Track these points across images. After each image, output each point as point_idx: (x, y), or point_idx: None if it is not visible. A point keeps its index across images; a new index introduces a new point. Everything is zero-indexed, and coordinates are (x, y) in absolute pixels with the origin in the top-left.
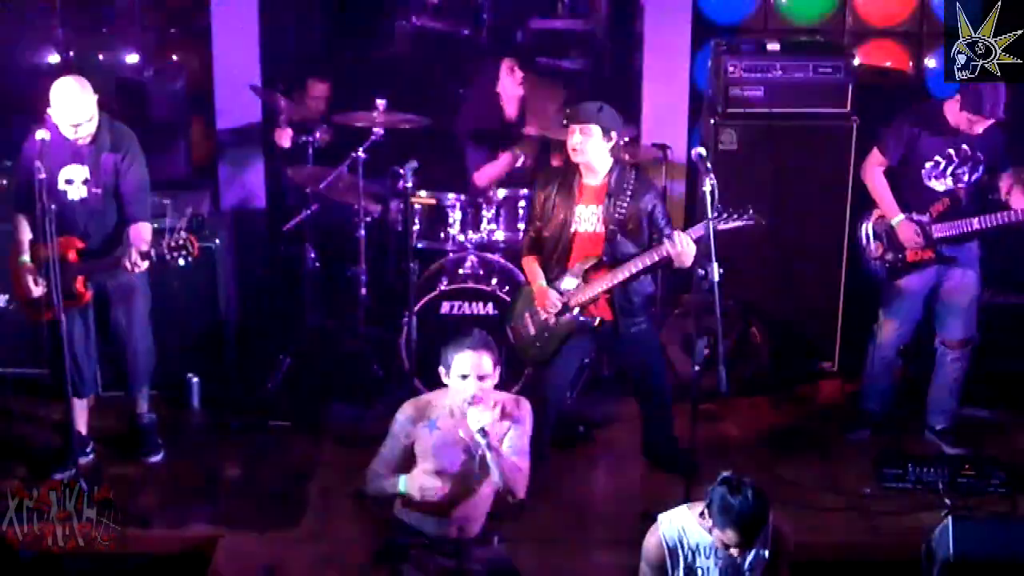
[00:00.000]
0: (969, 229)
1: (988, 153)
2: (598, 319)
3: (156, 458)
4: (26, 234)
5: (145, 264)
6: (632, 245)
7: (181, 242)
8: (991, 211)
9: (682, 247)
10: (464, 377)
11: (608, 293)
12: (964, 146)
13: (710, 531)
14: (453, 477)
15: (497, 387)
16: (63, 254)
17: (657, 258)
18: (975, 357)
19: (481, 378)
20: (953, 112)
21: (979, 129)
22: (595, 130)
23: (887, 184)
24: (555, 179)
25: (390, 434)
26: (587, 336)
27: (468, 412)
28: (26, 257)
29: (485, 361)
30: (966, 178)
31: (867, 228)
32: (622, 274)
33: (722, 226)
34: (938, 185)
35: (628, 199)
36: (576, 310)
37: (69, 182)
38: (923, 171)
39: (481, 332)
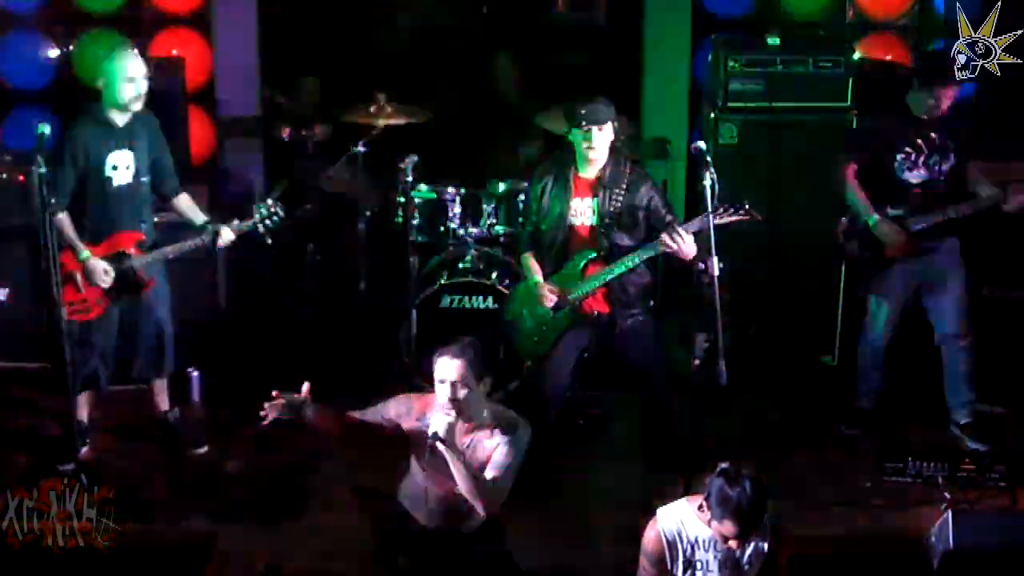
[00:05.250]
0: (944, 219)
1: (958, 139)
2: (596, 312)
3: (204, 449)
4: (73, 232)
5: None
6: (628, 238)
7: (272, 208)
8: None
9: (682, 242)
10: (442, 382)
11: (605, 286)
12: (933, 135)
13: (709, 523)
14: (441, 473)
15: (497, 386)
16: (124, 249)
17: (654, 253)
18: (987, 353)
19: (456, 384)
20: (917, 98)
21: (948, 103)
22: (609, 127)
23: (859, 186)
24: (550, 172)
25: (385, 403)
26: (585, 330)
27: (433, 416)
28: (86, 253)
29: (461, 368)
30: (939, 167)
31: (842, 230)
32: (619, 268)
33: (718, 220)
34: (912, 177)
35: (623, 191)
36: (573, 304)
37: (115, 168)
38: (895, 164)
39: (467, 340)
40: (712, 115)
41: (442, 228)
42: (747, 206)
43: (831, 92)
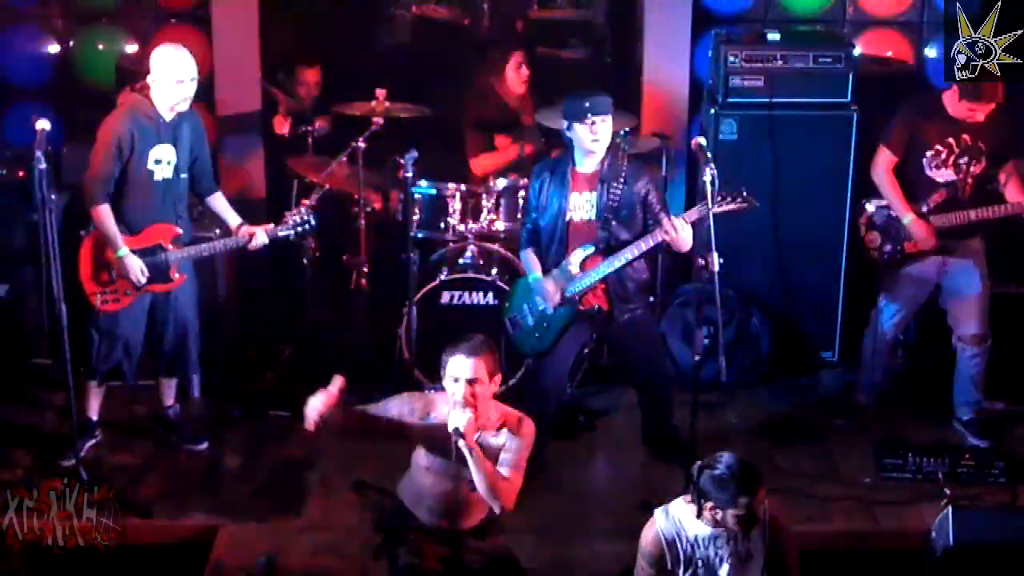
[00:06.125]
0: (966, 221)
1: (993, 142)
2: (595, 307)
3: (204, 445)
4: (114, 226)
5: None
6: (627, 232)
7: (304, 217)
8: (988, 203)
9: (679, 232)
10: (455, 380)
11: (604, 281)
12: (965, 135)
13: (718, 523)
14: (442, 473)
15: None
16: (160, 242)
17: (653, 244)
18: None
19: (471, 382)
20: (952, 102)
21: (981, 116)
22: (610, 118)
23: (896, 183)
24: (548, 167)
25: (386, 401)
26: (585, 325)
27: (450, 413)
28: (125, 250)
29: (476, 367)
30: (968, 169)
31: (865, 219)
32: (618, 261)
33: (716, 209)
34: (939, 176)
35: (622, 185)
36: (574, 300)
37: (158, 162)
38: (924, 160)
39: (481, 338)
40: (712, 111)
41: (442, 224)
42: (744, 193)
43: (831, 88)
